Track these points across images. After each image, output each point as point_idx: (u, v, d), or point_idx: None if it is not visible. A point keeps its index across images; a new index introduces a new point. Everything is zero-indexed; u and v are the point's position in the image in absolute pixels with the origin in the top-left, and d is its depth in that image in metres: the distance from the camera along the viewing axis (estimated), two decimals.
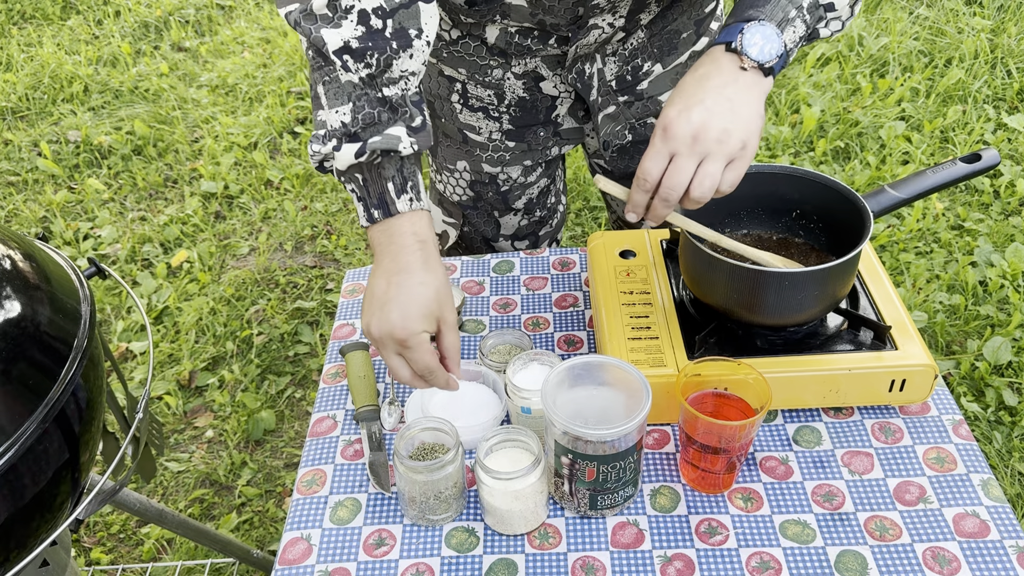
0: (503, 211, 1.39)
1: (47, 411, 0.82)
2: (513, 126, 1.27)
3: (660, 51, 1.22)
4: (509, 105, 1.25)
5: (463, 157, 1.34)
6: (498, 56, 1.18)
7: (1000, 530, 0.90)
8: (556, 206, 1.45)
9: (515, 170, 1.33)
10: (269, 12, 4.06)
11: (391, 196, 0.91)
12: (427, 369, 0.90)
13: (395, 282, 0.89)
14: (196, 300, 2.49)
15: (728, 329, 1.06)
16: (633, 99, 1.26)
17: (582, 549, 0.91)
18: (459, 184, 1.38)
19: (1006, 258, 2.40)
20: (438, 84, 1.27)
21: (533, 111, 1.25)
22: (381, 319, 0.88)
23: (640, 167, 0.89)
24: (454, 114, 1.28)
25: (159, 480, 2.01)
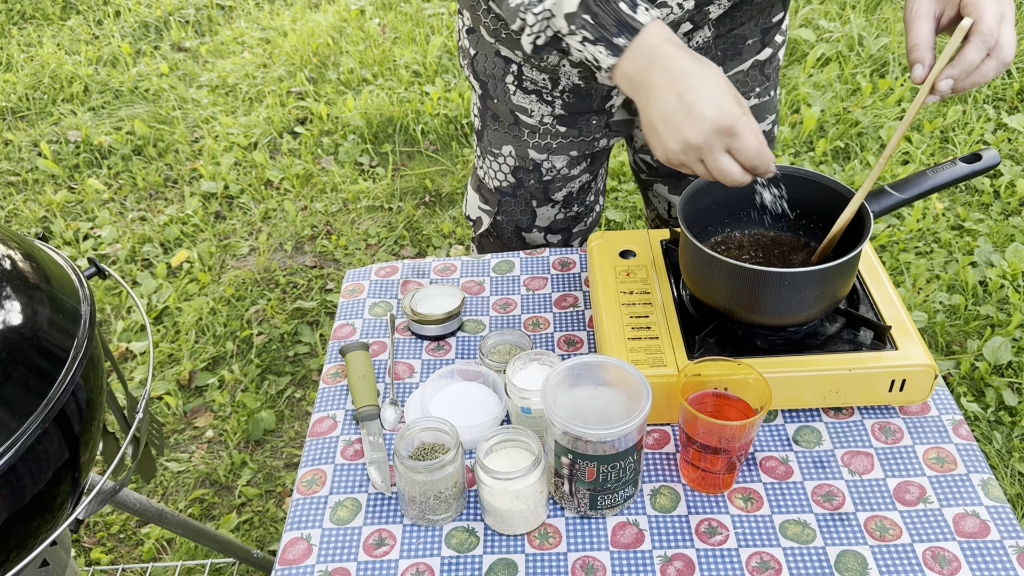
0: (541, 201, 1.38)
1: (47, 411, 0.82)
2: (565, 112, 1.27)
3: (724, 54, 1.21)
4: (563, 90, 1.24)
5: (510, 141, 1.33)
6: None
7: (1000, 530, 0.90)
8: (594, 205, 1.45)
9: (560, 159, 1.33)
10: (269, 12, 4.06)
11: (628, 14, 0.89)
12: (758, 153, 0.86)
13: (684, 88, 0.86)
14: (196, 300, 2.49)
15: (728, 329, 1.06)
16: None
17: (582, 549, 0.91)
18: (501, 169, 1.38)
19: (1006, 258, 2.40)
20: (494, 64, 1.26)
21: (587, 99, 1.25)
22: (694, 123, 0.85)
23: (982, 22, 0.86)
24: (507, 95, 1.28)
25: (159, 480, 2.01)
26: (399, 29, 3.78)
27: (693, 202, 1.08)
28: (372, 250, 2.68)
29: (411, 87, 3.40)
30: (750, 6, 1.17)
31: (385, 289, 1.29)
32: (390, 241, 2.70)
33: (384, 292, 1.28)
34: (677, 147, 0.88)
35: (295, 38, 3.74)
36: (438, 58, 3.54)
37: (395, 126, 3.19)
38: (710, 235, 1.15)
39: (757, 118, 1.31)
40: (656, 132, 0.89)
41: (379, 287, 1.29)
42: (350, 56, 3.60)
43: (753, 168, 0.88)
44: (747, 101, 1.27)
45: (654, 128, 0.89)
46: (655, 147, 0.90)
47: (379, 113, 3.21)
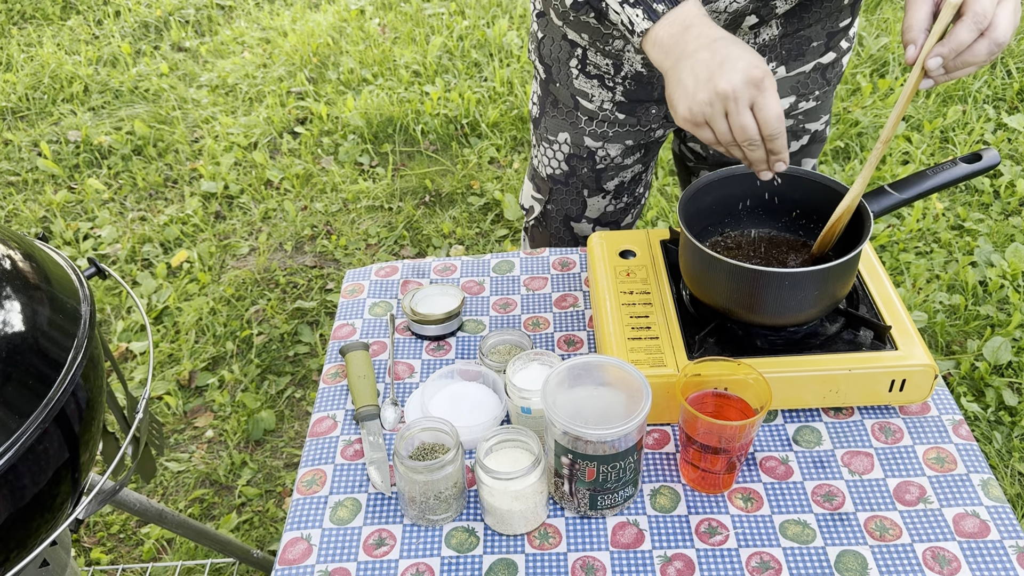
0: (593, 191, 1.39)
1: (47, 411, 0.82)
2: (626, 99, 1.27)
3: (788, 54, 1.21)
4: (625, 77, 1.25)
5: (567, 128, 1.35)
6: None
7: (1000, 530, 0.90)
8: (641, 196, 1.46)
9: (615, 148, 1.33)
10: (269, 12, 4.06)
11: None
12: (778, 117, 0.88)
13: (718, 47, 0.89)
14: (196, 300, 2.49)
15: (728, 329, 1.06)
16: None
17: (582, 549, 0.91)
18: (555, 157, 1.39)
19: (1006, 258, 2.40)
20: (559, 48, 1.28)
21: (649, 87, 1.25)
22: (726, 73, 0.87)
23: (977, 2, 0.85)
24: (570, 79, 1.29)
25: (159, 480, 2.01)
26: (399, 29, 3.78)
27: (693, 202, 1.08)
28: (372, 250, 2.68)
29: (411, 87, 3.40)
30: (819, 8, 1.17)
31: (385, 289, 1.29)
32: (390, 241, 2.70)
33: (384, 292, 1.28)
34: (706, 97, 0.89)
35: (295, 38, 3.74)
36: (438, 58, 3.54)
37: (395, 126, 3.19)
38: (710, 235, 1.15)
39: (812, 117, 1.32)
40: (683, 87, 0.91)
41: (379, 287, 1.29)
42: (350, 56, 3.60)
43: (769, 135, 0.90)
44: (806, 103, 1.29)
45: (681, 84, 0.91)
46: (679, 103, 0.92)
47: (379, 113, 3.21)
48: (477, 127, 3.16)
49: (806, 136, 1.34)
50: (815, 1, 1.16)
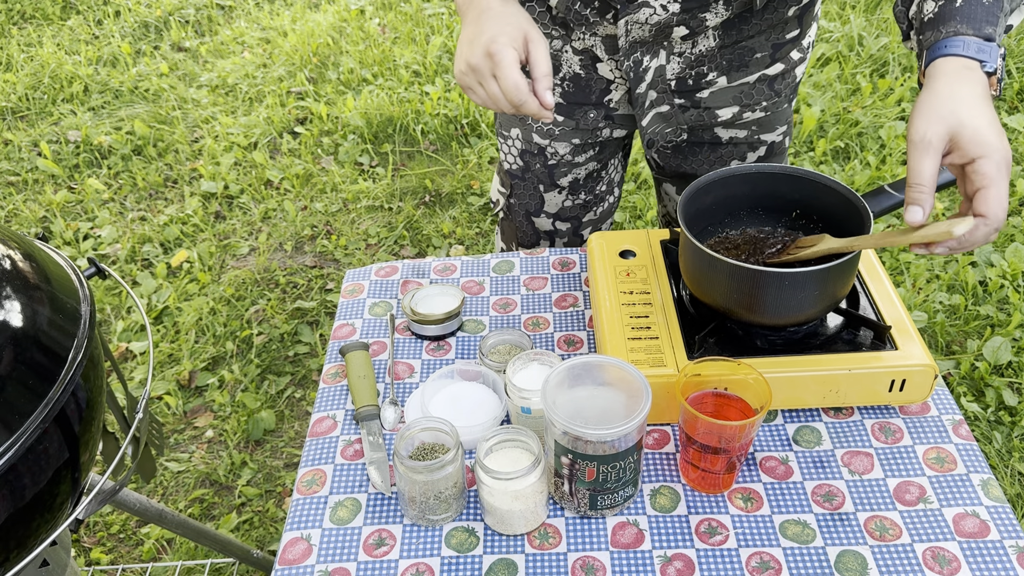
0: (548, 186, 1.40)
1: (47, 411, 0.82)
2: (564, 100, 1.28)
3: (729, 64, 1.22)
4: (564, 78, 1.25)
5: (516, 124, 1.36)
6: (560, 27, 1.20)
7: (1000, 530, 0.90)
8: (605, 195, 1.45)
9: (562, 146, 1.34)
10: (269, 12, 4.06)
11: None
12: (516, 87, 0.94)
13: (480, 20, 0.97)
14: (196, 300, 2.49)
15: (728, 329, 1.06)
16: (690, 105, 1.26)
17: (582, 549, 0.91)
18: (511, 152, 1.40)
19: (1006, 258, 2.40)
20: None
21: (586, 90, 1.26)
22: (473, 48, 0.95)
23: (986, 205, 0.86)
24: None
25: (159, 480, 2.01)
26: (399, 29, 3.78)
27: (693, 202, 1.08)
28: (372, 250, 2.68)
29: (411, 87, 3.40)
30: (759, 20, 1.17)
31: (385, 289, 1.29)
32: (390, 241, 2.70)
33: (384, 292, 1.28)
34: (462, 67, 0.98)
35: (295, 38, 3.74)
36: (438, 58, 3.54)
37: (395, 126, 3.19)
38: (710, 235, 1.15)
39: (766, 128, 1.32)
40: (458, 53, 1.00)
41: (379, 287, 1.29)
42: (350, 56, 3.60)
43: (516, 103, 0.95)
44: (752, 114, 1.29)
45: (458, 49, 1.00)
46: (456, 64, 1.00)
47: (379, 113, 3.21)
48: (477, 127, 3.16)
49: (763, 147, 1.34)
50: (754, 14, 1.16)
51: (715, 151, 1.33)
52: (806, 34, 1.25)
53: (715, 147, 1.33)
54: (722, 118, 1.28)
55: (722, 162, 1.35)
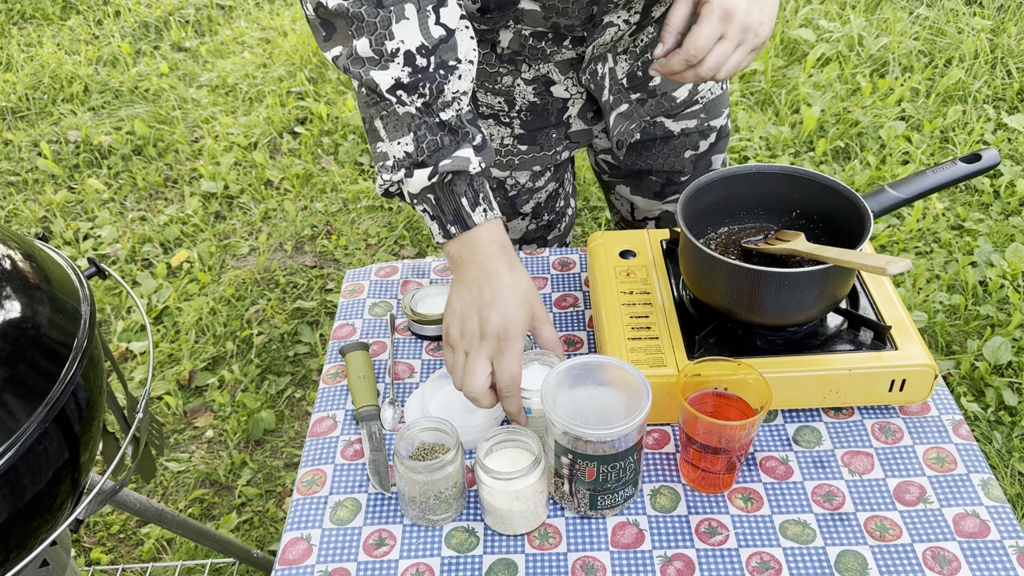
0: (511, 215, 1.39)
1: (47, 411, 0.83)
2: (525, 130, 1.28)
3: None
4: (520, 110, 1.25)
5: None
6: (507, 63, 1.19)
7: (1000, 530, 0.90)
8: (565, 209, 1.45)
9: (523, 175, 1.33)
10: (269, 12, 4.06)
11: (466, 211, 0.94)
12: (511, 378, 0.92)
13: (488, 287, 0.92)
14: (196, 300, 2.49)
15: (728, 329, 1.06)
16: (646, 96, 1.27)
17: (582, 549, 0.91)
18: None
19: (1006, 258, 2.40)
20: None
21: (544, 114, 1.26)
22: (482, 321, 0.91)
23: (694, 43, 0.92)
24: None
25: (159, 480, 2.01)
26: None
27: (693, 202, 1.08)
28: (372, 250, 2.68)
29: None
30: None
31: (385, 289, 1.29)
32: (390, 241, 2.70)
33: (384, 292, 1.28)
34: (456, 333, 0.94)
35: (295, 38, 3.74)
36: None
37: None
38: (710, 235, 1.15)
39: (713, 114, 1.33)
40: (452, 310, 0.96)
41: (379, 287, 1.29)
42: None
43: (502, 390, 0.93)
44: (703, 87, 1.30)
45: (451, 306, 0.96)
46: (447, 319, 0.96)
47: None
48: None
49: (712, 134, 1.35)
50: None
51: (668, 143, 1.34)
52: None
53: (667, 140, 1.34)
54: (679, 99, 1.29)
55: (675, 154, 1.36)
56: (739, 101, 3.15)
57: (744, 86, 3.21)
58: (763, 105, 3.16)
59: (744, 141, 2.94)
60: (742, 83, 3.22)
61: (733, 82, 3.19)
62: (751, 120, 3.02)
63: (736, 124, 3.03)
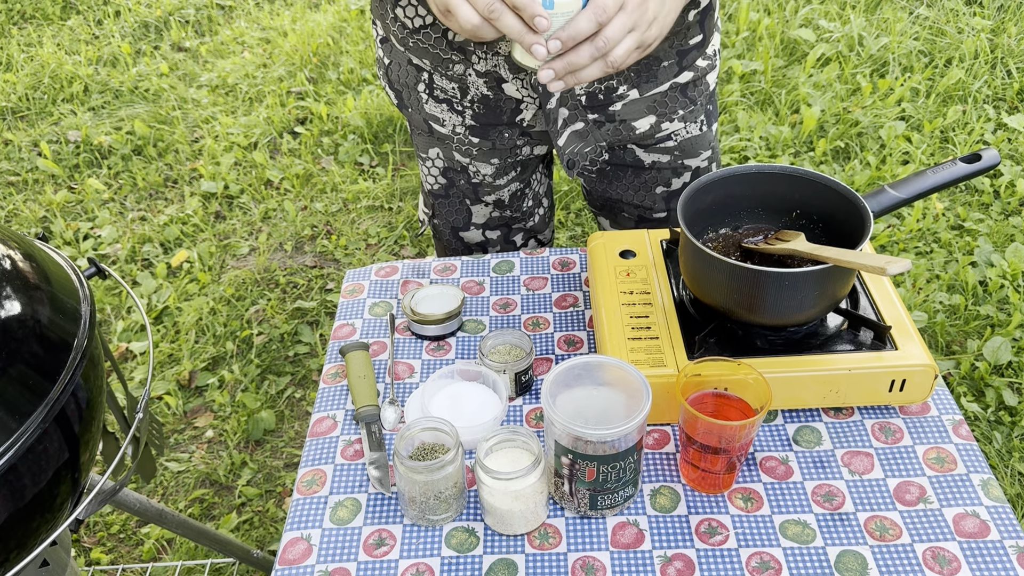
0: (474, 200, 1.39)
1: (47, 411, 0.82)
2: (477, 123, 1.27)
3: (637, 75, 1.20)
4: (473, 100, 1.24)
5: (435, 144, 1.34)
6: (458, 52, 1.17)
7: (1000, 530, 0.90)
8: (533, 209, 1.44)
9: (484, 167, 1.33)
10: (269, 12, 4.06)
11: None
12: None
13: None
14: (196, 300, 2.49)
15: (728, 329, 1.06)
16: (604, 120, 1.25)
17: (582, 549, 0.91)
18: (431, 173, 1.39)
19: (1006, 258, 2.40)
20: (407, 72, 1.26)
21: (497, 111, 1.25)
22: None
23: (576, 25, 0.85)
24: (420, 104, 1.28)
25: (159, 480, 2.01)
26: None
27: (693, 202, 1.08)
28: (372, 250, 2.68)
29: None
30: None
31: (385, 289, 1.29)
32: (390, 241, 2.70)
33: (384, 292, 1.28)
34: None
35: (295, 38, 3.74)
36: None
37: (395, 126, 3.19)
38: (710, 235, 1.15)
39: (689, 154, 1.31)
40: None
41: (379, 287, 1.29)
42: (350, 56, 3.60)
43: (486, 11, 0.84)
44: (670, 124, 1.27)
45: None
46: None
47: (379, 113, 3.21)
48: None
49: (687, 173, 1.33)
50: None
51: (639, 176, 1.32)
52: (709, 41, 1.24)
53: (638, 171, 1.32)
54: (640, 130, 1.26)
55: (647, 188, 1.34)
56: (739, 101, 3.15)
57: (744, 86, 3.21)
58: (763, 105, 3.16)
59: (744, 141, 2.94)
60: (742, 83, 3.22)
61: (732, 82, 3.20)
62: (751, 120, 3.02)
63: (736, 124, 3.03)
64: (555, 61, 0.89)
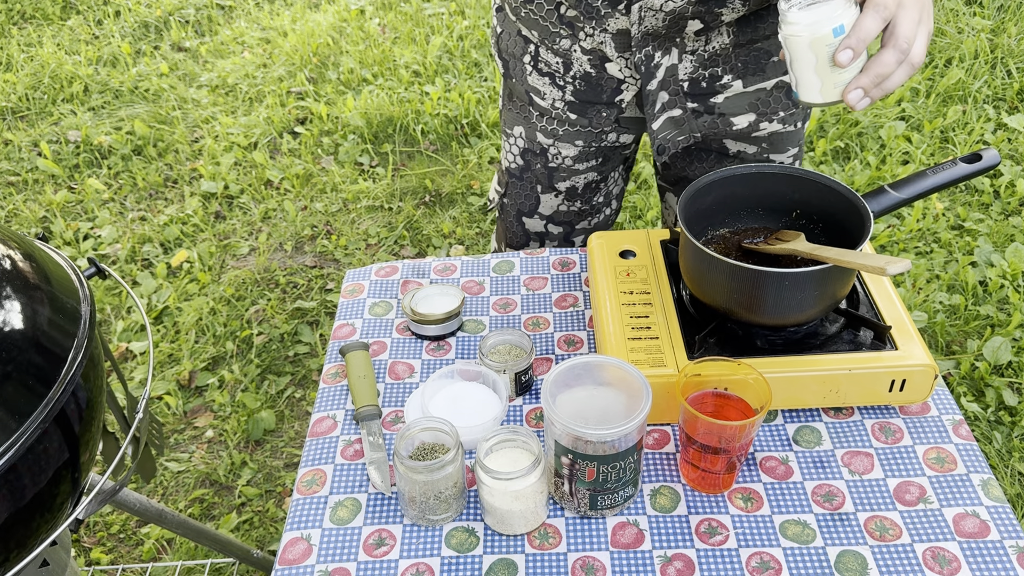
0: (545, 187, 1.39)
1: (47, 411, 0.82)
2: (576, 99, 1.27)
3: (744, 67, 1.19)
4: (575, 77, 1.25)
5: (521, 123, 1.35)
6: (567, 27, 1.19)
7: (1000, 530, 0.90)
8: (602, 207, 1.44)
9: (567, 148, 1.33)
10: (269, 12, 4.06)
11: None
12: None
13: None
14: (196, 300, 2.49)
15: (728, 329, 1.06)
16: (703, 110, 1.24)
17: (582, 549, 0.91)
18: (511, 151, 1.40)
19: (1006, 258, 2.40)
20: (515, 43, 1.29)
21: (597, 89, 1.25)
22: None
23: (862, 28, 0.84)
24: (524, 75, 1.30)
25: (159, 480, 2.01)
26: (399, 29, 3.78)
27: (693, 202, 1.08)
28: (372, 250, 2.68)
29: (411, 87, 3.40)
30: (775, 18, 1.14)
31: (385, 289, 1.29)
32: (390, 241, 2.70)
33: (384, 292, 1.28)
34: None
35: (295, 38, 3.74)
36: (438, 58, 3.54)
37: (395, 126, 3.19)
38: (710, 235, 1.15)
39: (777, 148, 1.30)
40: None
41: (379, 287, 1.29)
42: (350, 56, 3.60)
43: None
44: (769, 124, 1.26)
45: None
46: None
47: (379, 113, 3.21)
48: (477, 127, 3.16)
49: None
50: (771, 11, 1.14)
51: (721, 162, 1.32)
52: None
53: (721, 157, 1.31)
54: (737, 127, 1.25)
55: None
56: None
57: None
58: None
59: None
60: None
61: None
62: None
63: None
64: (860, 78, 0.88)
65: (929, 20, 0.88)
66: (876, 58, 0.87)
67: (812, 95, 0.92)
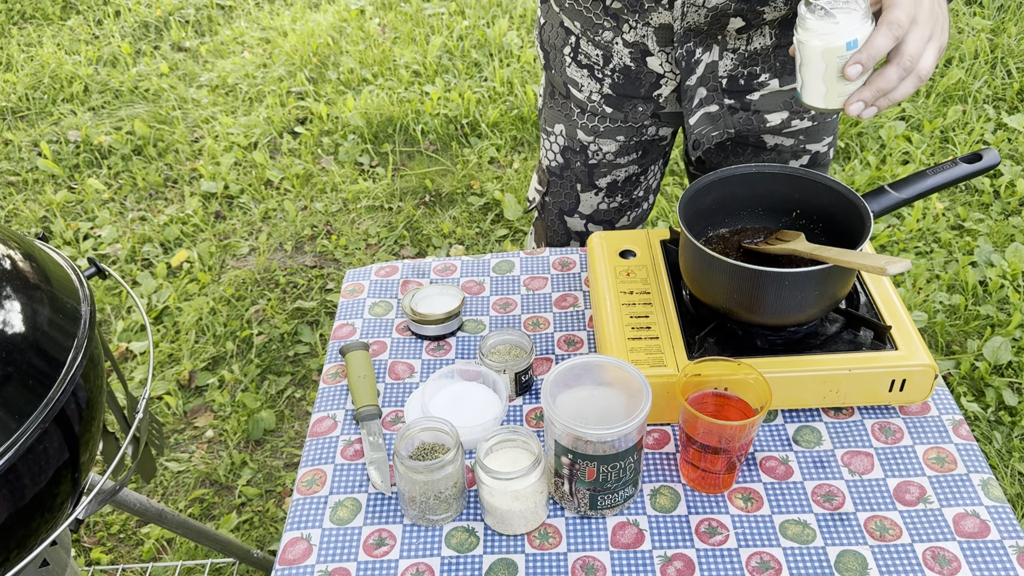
0: (586, 186, 1.40)
1: (47, 411, 0.82)
2: (613, 92, 1.28)
3: (782, 66, 1.21)
4: (614, 70, 1.25)
5: (561, 120, 1.36)
6: (611, 18, 1.20)
7: (1000, 530, 0.90)
8: (641, 201, 1.45)
9: (607, 143, 1.34)
10: (269, 12, 4.06)
11: None
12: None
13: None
14: (196, 300, 2.49)
15: (728, 329, 1.06)
16: (739, 107, 1.25)
17: (582, 549, 0.91)
18: (551, 149, 1.40)
19: (1006, 258, 2.40)
20: (556, 34, 1.30)
21: (636, 83, 1.26)
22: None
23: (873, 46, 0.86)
24: (563, 66, 1.31)
25: (159, 480, 2.01)
26: (399, 29, 3.78)
27: (693, 202, 1.08)
28: (372, 250, 2.68)
29: (411, 87, 3.40)
30: None
31: (385, 289, 1.29)
32: (390, 241, 2.70)
33: (384, 292, 1.28)
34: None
35: (295, 38, 3.74)
36: (438, 58, 3.54)
37: (395, 126, 3.19)
38: (710, 235, 1.15)
39: (814, 138, 1.31)
40: None
41: (379, 287, 1.29)
42: (350, 56, 3.60)
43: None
44: (801, 122, 1.28)
45: None
46: None
47: (379, 113, 3.21)
48: (477, 127, 3.16)
49: (806, 156, 1.34)
50: None
51: (758, 156, 1.33)
52: None
53: (758, 151, 1.32)
54: (770, 123, 1.27)
55: None
56: None
57: None
58: None
59: None
60: None
61: None
62: None
63: None
64: (863, 90, 0.89)
65: (942, 35, 0.89)
66: (880, 73, 0.88)
67: (816, 100, 0.94)
